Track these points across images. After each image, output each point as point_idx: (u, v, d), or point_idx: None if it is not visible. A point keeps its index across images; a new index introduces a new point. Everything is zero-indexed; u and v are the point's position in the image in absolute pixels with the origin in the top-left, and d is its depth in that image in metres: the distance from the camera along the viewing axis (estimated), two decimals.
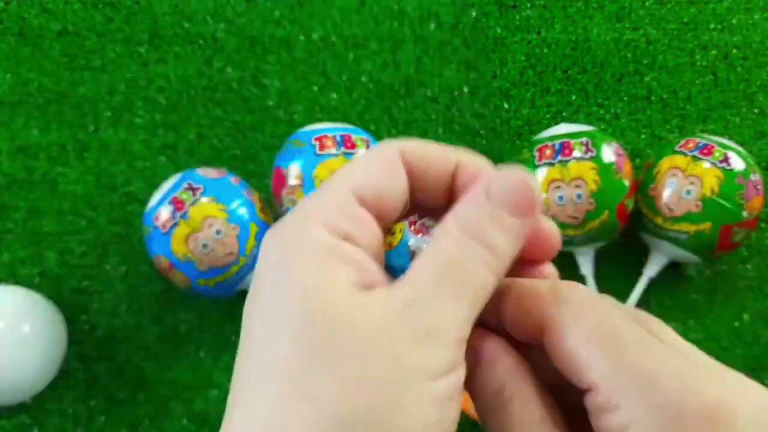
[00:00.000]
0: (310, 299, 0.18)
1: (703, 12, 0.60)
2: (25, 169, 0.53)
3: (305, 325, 0.17)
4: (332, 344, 0.17)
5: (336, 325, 0.17)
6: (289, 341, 0.17)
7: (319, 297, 0.18)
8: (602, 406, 0.18)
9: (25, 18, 0.58)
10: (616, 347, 0.18)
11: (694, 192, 0.45)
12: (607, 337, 0.18)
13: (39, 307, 0.47)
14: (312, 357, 0.17)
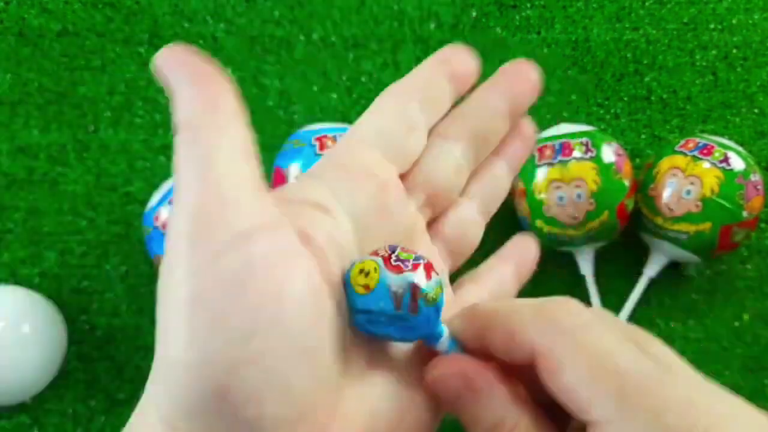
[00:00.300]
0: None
1: (703, 12, 0.60)
2: (25, 169, 0.53)
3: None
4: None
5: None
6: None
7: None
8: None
9: (25, 18, 0.58)
10: (617, 384, 0.17)
11: (694, 192, 0.45)
12: (607, 374, 0.17)
13: (39, 307, 0.47)
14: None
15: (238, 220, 0.17)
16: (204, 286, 0.16)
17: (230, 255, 0.17)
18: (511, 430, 0.19)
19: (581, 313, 0.19)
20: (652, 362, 0.18)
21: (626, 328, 0.19)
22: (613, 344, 0.18)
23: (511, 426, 0.19)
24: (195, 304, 0.16)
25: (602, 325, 0.18)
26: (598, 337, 0.18)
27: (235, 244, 0.17)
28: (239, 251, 0.17)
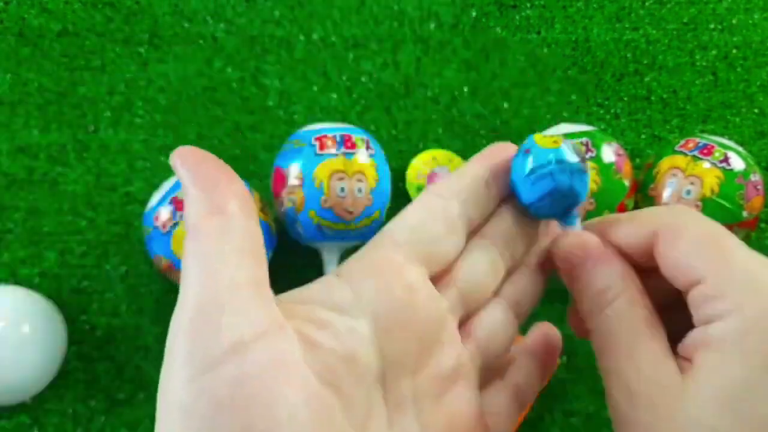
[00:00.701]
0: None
1: (703, 12, 0.60)
2: (25, 169, 0.53)
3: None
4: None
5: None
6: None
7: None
8: (708, 295, 0.19)
9: (24, 18, 0.58)
10: (726, 248, 0.20)
11: (694, 192, 0.46)
12: (717, 242, 0.20)
13: (39, 307, 0.47)
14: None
15: (235, 328, 0.17)
16: (197, 396, 0.17)
17: (224, 367, 0.17)
18: (615, 296, 0.21)
19: (701, 213, 0.23)
20: (756, 254, 0.20)
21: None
22: (724, 231, 0.20)
23: (616, 293, 0.21)
24: (187, 414, 0.17)
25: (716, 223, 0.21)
26: (712, 224, 0.21)
27: (229, 354, 0.17)
28: (233, 363, 0.17)
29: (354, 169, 0.46)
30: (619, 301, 0.21)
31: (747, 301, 0.18)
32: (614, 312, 0.20)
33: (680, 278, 0.20)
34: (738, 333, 0.18)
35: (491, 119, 0.56)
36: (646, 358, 0.19)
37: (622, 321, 0.20)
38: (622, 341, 0.20)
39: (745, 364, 0.17)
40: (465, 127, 0.56)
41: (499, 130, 0.56)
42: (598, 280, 0.21)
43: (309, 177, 0.45)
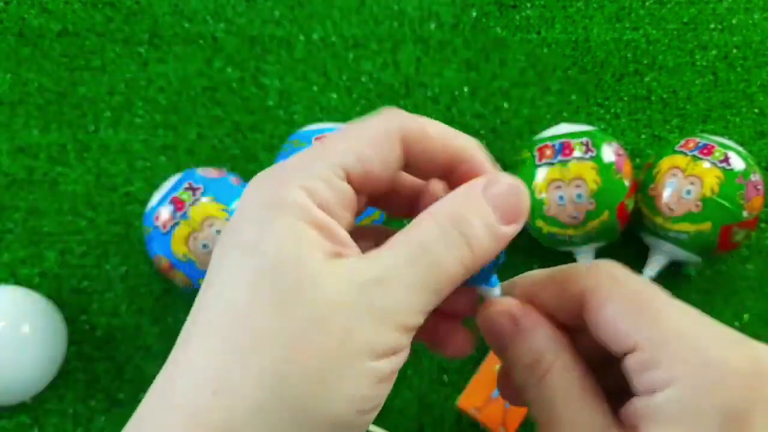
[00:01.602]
0: (283, 258, 0.18)
1: (703, 12, 0.60)
2: (25, 169, 0.53)
3: (273, 280, 0.18)
4: (293, 304, 0.17)
5: (301, 286, 0.18)
6: (253, 290, 0.18)
7: (291, 257, 0.18)
8: (645, 363, 0.18)
9: (25, 18, 0.58)
10: (657, 310, 0.19)
11: (694, 192, 0.45)
12: (647, 303, 0.19)
13: (39, 307, 0.47)
14: (272, 311, 0.17)
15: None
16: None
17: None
18: (549, 366, 0.20)
19: (628, 271, 0.21)
20: (687, 309, 0.19)
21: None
22: (652, 289, 0.20)
23: (550, 362, 0.20)
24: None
25: (642, 279, 0.21)
26: (639, 282, 0.20)
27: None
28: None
29: None
30: (554, 371, 0.20)
31: (683, 369, 0.18)
32: (550, 383, 0.20)
33: (612, 346, 0.19)
34: (679, 404, 0.17)
35: (491, 119, 0.56)
36: (596, 427, 0.19)
37: (558, 392, 0.20)
38: (561, 414, 0.19)
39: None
40: (465, 127, 0.56)
41: (499, 130, 0.56)
42: (528, 350, 0.20)
43: None
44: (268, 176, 0.20)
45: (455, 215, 0.19)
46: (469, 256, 0.19)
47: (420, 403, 0.48)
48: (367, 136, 0.20)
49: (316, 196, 0.19)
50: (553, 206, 0.46)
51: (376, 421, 0.47)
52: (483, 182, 0.20)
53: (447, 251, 0.19)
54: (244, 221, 0.19)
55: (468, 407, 0.45)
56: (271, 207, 0.19)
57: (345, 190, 0.19)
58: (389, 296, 0.18)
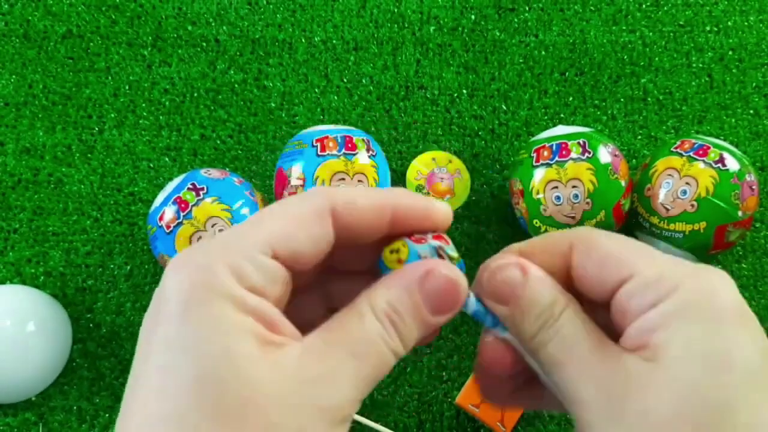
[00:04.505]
0: (215, 358, 0.17)
1: (699, 14, 0.60)
2: (31, 169, 0.54)
3: (209, 384, 0.17)
4: (235, 414, 0.17)
5: (241, 394, 0.17)
6: (190, 395, 0.17)
7: (224, 358, 0.17)
8: (647, 281, 0.19)
9: (29, 20, 0.58)
10: (643, 245, 0.21)
11: (690, 192, 0.46)
12: (633, 241, 0.21)
13: (44, 305, 0.47)
14: (213, 420, 0.17)
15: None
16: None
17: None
18: (564, 308, 0.21)
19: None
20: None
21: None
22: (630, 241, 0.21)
23: (564, 304, 0.21)
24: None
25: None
26: (613, 236, 0.22)
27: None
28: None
29: (355, 170, 0.47)
30: (569, 311, 0.21)
31: (685, 278, 0.19)
32: (568, 320, 0.21)
33: (608, 279, 0.20)
34: (692, 301, 0.19)
35: (489, 120, 0.57)
36: (611, 353, 0.20)
37: (578, 326, 0.21)
38: (584, 342, 0.20)
39: (707, 325, 0.19)
40: (464, 129, 0.56)
41: (497, 132, 0.56)
42: (542, 296, 0.21)
43: (310, 178, 0.46)
44: (191, 258, 0.19)
45: (392, 312, 0.20)
46: (402, 349, 0.20)
47: (419, 400, 0.49)
48: (294, 215, 0.20)
49: (244, 278, 0.18)
50: (550, 206, 0.46)
51: (375, 419, 0.48)
52: (421, 274, 0.20)
53: (386, 347, 0.19)
54: (169, 312, 0.18)
55: (466, 404, 0.46)
56: (197, 294, 0.18)
57: (273, 267, 0.19)
58: (334, 394, 0.18)
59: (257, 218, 0.20)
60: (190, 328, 0.18)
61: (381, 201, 0.21)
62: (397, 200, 0.21)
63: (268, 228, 0.19)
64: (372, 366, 0.19)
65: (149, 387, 0.17)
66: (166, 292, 0.18)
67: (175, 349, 0.17)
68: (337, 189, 0.21)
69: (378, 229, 0.21)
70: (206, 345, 0.17)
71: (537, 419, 0.48)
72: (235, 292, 0.18)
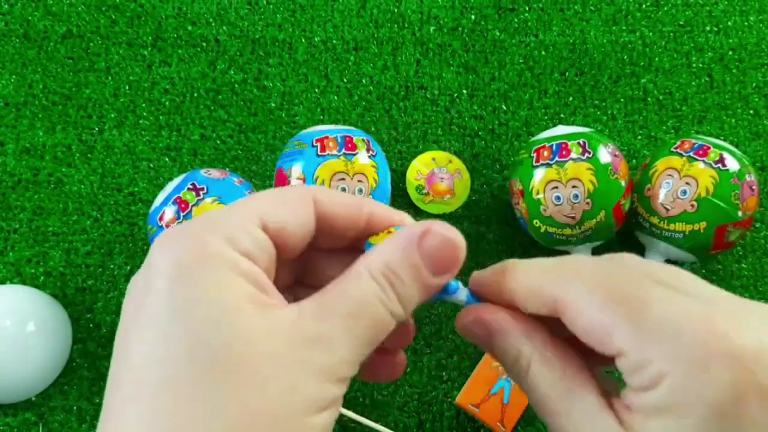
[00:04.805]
0: (211, 318, 0.17)
1: (699, 14, 0.60)
2: (31, 169, 0.54)
3: (204, 345, 0.17)
4: (231, 371, 0.17)
5: (236, 351, 0.17)
6: (184, 359, 0.17)
7: (221, 316, 0.17)
8: (633, 366, 0.18)
9: (29, 20, 0.58)
10: (634, 309, 0.18)
11: (690, 192, 0.46)
12: (623, 302, 0.19)
13: (44, 305, 0.47)
14: (208, 380, 0.17)
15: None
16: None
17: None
18: (528, 362, 0.21)
19: (594, 261, 0.21)
20: (670, 289, 0.19)
21: (646, 268, 0.20)
22: (627, 280, 0.19)
23: (528, 357, 0.21)
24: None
25: (617, 265, 0.20)
26: (612, 275, 0.20)
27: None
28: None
29: (355, 170, 0.47)
30: (534, 366, 0.20)
31: (673, 364, 0.17)
32: (534, 377, 0.20)
33: (599, 349, 0.19)
34: (670, 404, 0.17)
35: (490, 120, 0.57)
36: (581, 417, 0.19)
37: (543, 385, 0.20)
38: (553, 403, 0.20)
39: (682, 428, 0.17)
40: (464, 129, 0.56)
41: (497, 132, 0.57)
42: (506, 351, 0.21)
43: (310, 178, 0.46)
44: (179, 232, 0.19)
45: (390, 273, 0.20)
46: (401, 311, 0.20)
47: (419, 400, 0.49)
48: (282, 195, 0.20)
49: (236, 243, 0.18)
50: (550, 206, 0.46)
51: (375, 419, 0.48)
52: (419, 232, 0.20)
53: (383, 308, 0.19)
54: (160, 277, 0.18)
55: (466, 404, 0.46)
56: (189, 258, 0.18)
57: (263, 238, 0.19)
58: (330, 353, 0.18)
59: (244, 199, 0.20)
60: (184, 290, 0.17)
61: (358, 201, 0.22)
62: (373, 206, 0.22)
63: (256, 203, 0.20)
64: (367, 326, 0.19)
65: (141, 355, 0.17)
66: (153, 265, 0.18)
67: (168, 314, 0.17)
68: (320, 187, 0.22)
69: (354, 226, 0.22)
70: (201, 306, 0.17)
71: (537, 419, 0.48)
72: (229, 254, 0.18)
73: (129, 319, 0.18)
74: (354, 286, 0.19)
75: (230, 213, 0.20)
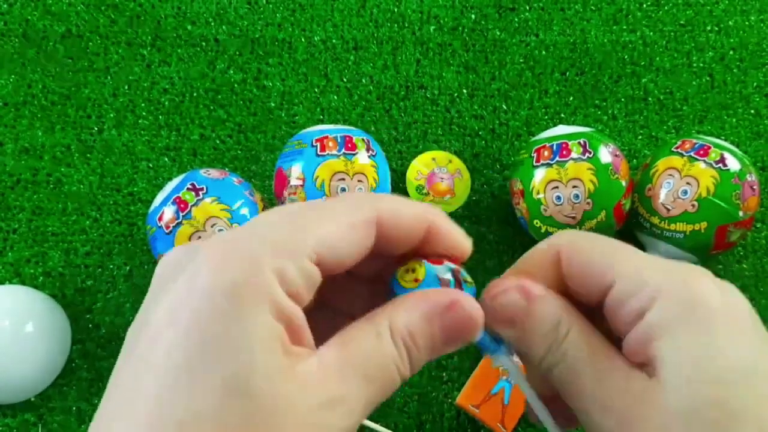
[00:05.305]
0: (245, 363, 0.17)
1: (700, 14, 0.60)
2: (30, 169, 0.54)
3: (235, 392, 0.17)
4: (253, 423, 0.16)
5: (264, 406, 0.17)
6: (206, 392, 0.16)
7: (251, 364, 0.17)
8: (630, 289, 0.20)
9: (28, 20, 0.58)
10: (622, 248, 0.21)
11: (691, 192, 0.46)
12: (619, 249, 0.21)
13: (43, 306, 0.47)
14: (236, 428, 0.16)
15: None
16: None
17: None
18: (569, 327, 0.21)
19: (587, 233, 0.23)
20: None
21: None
22: (614, 240, 0.22)
23: (569, 324, 0.21)
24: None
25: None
26: (600, 236, 0.22)
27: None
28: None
29: (355, 170, 0.47)
30: (574, 331, 0.21)
31: (666, 281, 0.19)
32: (573, 343, 0.21)
33: (594, 287, 0.20)
34: (675, 311, 0.19)
35: (490, 120, 0.57)
36: (616, 375, 0.20)
37: (583, 349, 0.21)
38: (588, 367, 0.20)
39: (695, 335, 0.19)
40: (464, 129, 0.56)
41: (497, 131, 0.56)
42: (547, 317, 0.21)
43: (310, 178, 0.46)
44: (237, 246, 0.18)
45: (410, 339, 0.20)
46: (409, 374, 0.20)
47: (419, 401, 0.49)
48: (347, 223, 0.19)
49: (287, 282, 0.18)
50: (551, 206, 0.46)
51: (375, 419, 0.48)
52: (446, 303, 0.20)
53: (396, 372, 0.19)
54: (188, 306, 0.17)
55: (467, 404, 0.46)
56: (241, 290, 0.17)
57: (315, 274, 0.19)
58: (349, 416, 0.18)
59: (303, 218, 0.19)
60: (225, 320, 0.17)
61: (422, 214, 0.21)
62: (435, 218, 0.21)
63: (317, 233, 0.19)
64: (382, 389, 0.19)
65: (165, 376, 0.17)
66: (198, 273, 0.17)
67: (210, 354, 0.17)
68: (381, 197, 0.21)
69: (410, 242, 0.21)
70: (237, 344, 0.17)
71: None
72: (278, 296, 0.17)
73: (141, 345, 0.18)
74: (374, 346, 0.19)
75: (287, 234, 0.18)
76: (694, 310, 0.19)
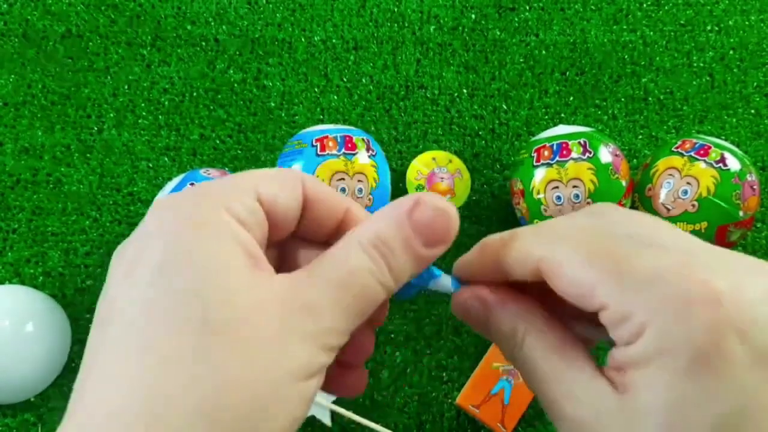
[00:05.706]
0: (205, 276, 0.17)
1: (700, 14, 0.60)
2: (30, 169, 0.54)
3: (196, 304, 0.17)
4: (223, 333, 0.17)
5: (229, 311, 0.17)
6: (174, 318, 0.17)
7: (215, 276, 0.17)
8: (616, 319, 0.18)
9: (28, 20, 0.58)
10: (612, 263, 0.19)
11: (691, 192, 0.46)
12: (604, 259, 0.19)
13: (43, 306, 0.47)
14: (199, 340, 0.17)
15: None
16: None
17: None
18: (523, 335, 0.21)
19: (569, 219, 0.21)
20: (647, 242, 0.19)
21: (623, 221, 0.21)
22: (605, 237, 0.20)
23: (524, 330, 0.21)
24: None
25: (594, 223, 0.21)
26: (590, 233, 0.20)
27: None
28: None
29: (355, 169, 0.47)
30: (529, 338, 0.21)
31: (654, 314, 0.18)
32: (529, 349, 0.21)
33: (582, 306, 0.19)
34: (655, 351, 0.17)
35: (490, 120, 0.57)
36: (575, 382, 0.19)
37: (538, 355, 0.21)
38: (546, 373, 0.20)
39: (670, 379, 0.17)
40: (464, 128, 0.56)
41: (497, 131, 0.56)
42: (502, 325, 0.22)
43: None
44: (179, 196, 0.19)
45: (381, 243, 0.20)
46: (392, 283, 0.20)
47: (419, 401, 0.49)
48: (274, 173, 0.21)
49: (234, 212, 0.19)
50: (551, 206, 0.46)
51: (375, 419, 0.48)
52: (409, 204, 0.20)
53: (373, 280, 0.19)
54: (159, 238, 0.18)
55: (467, 404, 0.46)
56: (191, 224, 0.18)
57: (258, 210, 0.20)
58: (321, 322, 0.18)
59: (239, 175, 0.21)
60: (178, 250, 0.18)
61: (342, 198, 0.22)
62: (352, 205, 0.22)
63: (251, 176, 0.20)
64: (356, 297, 0.19)
65: (127, 316, 0.17)
66: (148, 226, 0.19)
67: (160, 272, 0.17)
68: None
69: (333, 216, 0.22)
70: (196, 264, 0.17)
71: (537, 419, 0.48)
72: (226, 220, 0.19)
73: (117, 282, 0.18)
74: (343, 256, 0.19)
75: (226, 183, 0.20)
76: (674, 358, 0.17)
